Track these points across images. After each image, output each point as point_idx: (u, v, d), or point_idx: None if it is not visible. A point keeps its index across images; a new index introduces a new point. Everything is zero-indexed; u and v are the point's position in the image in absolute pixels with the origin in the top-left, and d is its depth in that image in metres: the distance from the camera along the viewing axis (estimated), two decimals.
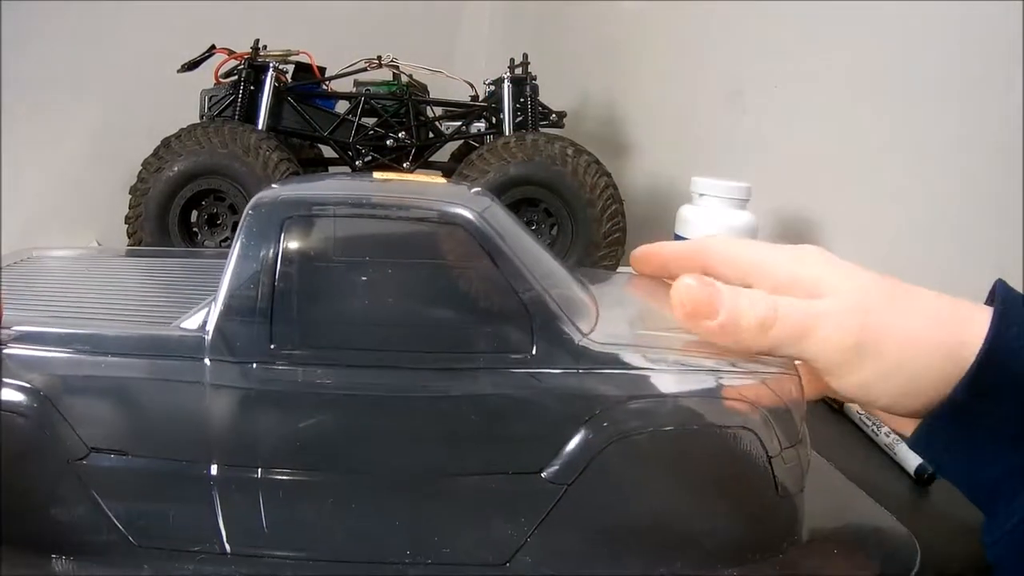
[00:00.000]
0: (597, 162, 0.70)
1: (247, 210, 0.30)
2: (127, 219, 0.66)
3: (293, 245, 0.29)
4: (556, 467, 0.29)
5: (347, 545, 0.30)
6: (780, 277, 0.32)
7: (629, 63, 1.00)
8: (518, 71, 0.79)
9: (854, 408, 0.45)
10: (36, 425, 0.29)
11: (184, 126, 0.67)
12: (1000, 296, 0.29)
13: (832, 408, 0.47)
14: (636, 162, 0.97)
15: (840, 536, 0.35)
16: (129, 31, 0.97)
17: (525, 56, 0.80)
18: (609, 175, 0.71)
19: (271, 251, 0.29)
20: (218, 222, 0.67)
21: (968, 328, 0.28)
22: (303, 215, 0.29)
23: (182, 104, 0.75)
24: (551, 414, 0.29)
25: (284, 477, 0.30)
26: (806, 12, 0.72)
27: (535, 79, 0.79)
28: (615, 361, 0.29)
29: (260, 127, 0.71)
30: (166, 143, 0.66)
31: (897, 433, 0.35)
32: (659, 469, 0.30)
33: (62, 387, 0.29)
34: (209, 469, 0.29)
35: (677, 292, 0.29)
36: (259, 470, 0.29)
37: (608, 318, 0.32)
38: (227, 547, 0.29)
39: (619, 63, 1.02)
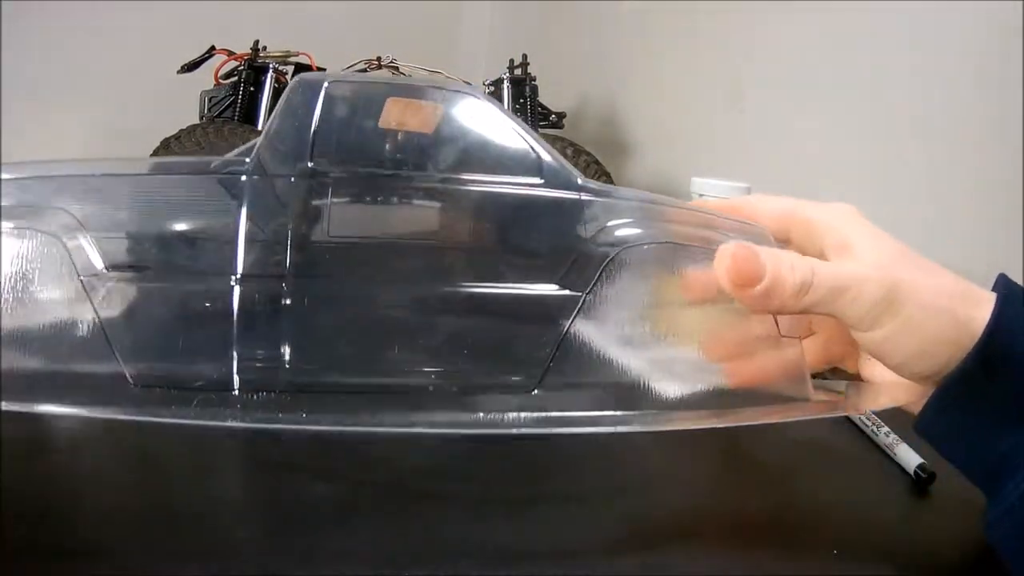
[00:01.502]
0: (597, 162, 0.70)
1: (293, 82, 0.32)
2: None
3: (334, 95, 0.31)
4: (572, 277, 0.31)
5: (367, 365, 0.31)
6: (816, 229, 0.34)
7: (629, 63, 1.00)
8: (518, 71, 0.79)
9: None
10: (54, 241, 0.29)
11: (184, 127, 0.67)
12: (1002, 284, 0.31)
13: None
14: (636, 162, 0.97)
15: None
16: (129, 32, 0.97)
17: (525, 56, 0.81)
18: (609, 175, 0.71)
19: (313, 105, 0.31)
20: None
21: (977, 305, 0.30)
22: (342, 82, 0.32)
23: (182, 105, 0.75)
24: (561, 229, 0.32)
25: (310, 289, 0.30)
26: (806, 12, 0.72)
27: (534, 80, 0.79)
28: (611, 193, 0.33)
29: (260, 128, 0.71)
30: (166, 144, 0.66)
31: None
32: (660, 278, 0.32)
33: (88, 204, 0.29)
34: (232, 282, 0.29)
35: (721, 260, 0.31)
36: (285, 281, 0.29)
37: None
38: (236, 380, 0.29)
39: (619, 63, 1.02)
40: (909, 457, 0.40)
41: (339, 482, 0.35)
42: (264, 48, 0.75)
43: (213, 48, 0.75)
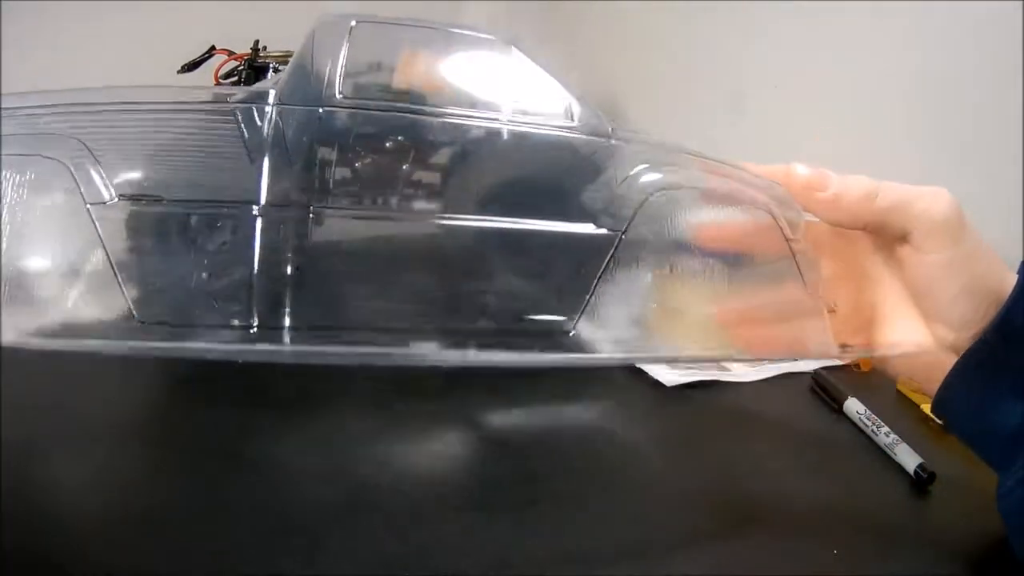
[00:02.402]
0: None
1: (319, 19, 0.31)
2: None
3: (360, 34, 0.31)
4: (609, 217, 0.31)
5: (396, 304, 0.30)
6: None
7: (629, 63, 1.00)
8: None
9: (854, 408, 0.45)
10: (62, 168, 0.27)
11: None
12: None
13: (832, 408, 0.47)
14: None
15: None
16: (129, 32, 0.97)
17: None
18: None
19: (340, 42, 0.30)
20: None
21: (1009, 270, 0.32)
22: (371, 21, 0.32)
23: None
24: (595, 172, 0.32)
25: (336, 223, 0.29)
26: (806, 12, 0.72)
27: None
28: (643, 140, 0.33)
29: None
30: None
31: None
32: (694, 223, 0.32)
33: (99, 133, 0.28)
34: (255, 211, 0.28)
35: (792, 172, 0.33)
36: (312, 213, 0.28)
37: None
38: (255, 319, 0.27)
39: (619, 63, 1.02)
40: (909, 457, 0.40)
41: (340, 483, 0.35)
42: (264, 48, 0.75)
43: (213, 48, 0.75)
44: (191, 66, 0.75)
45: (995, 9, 0.55)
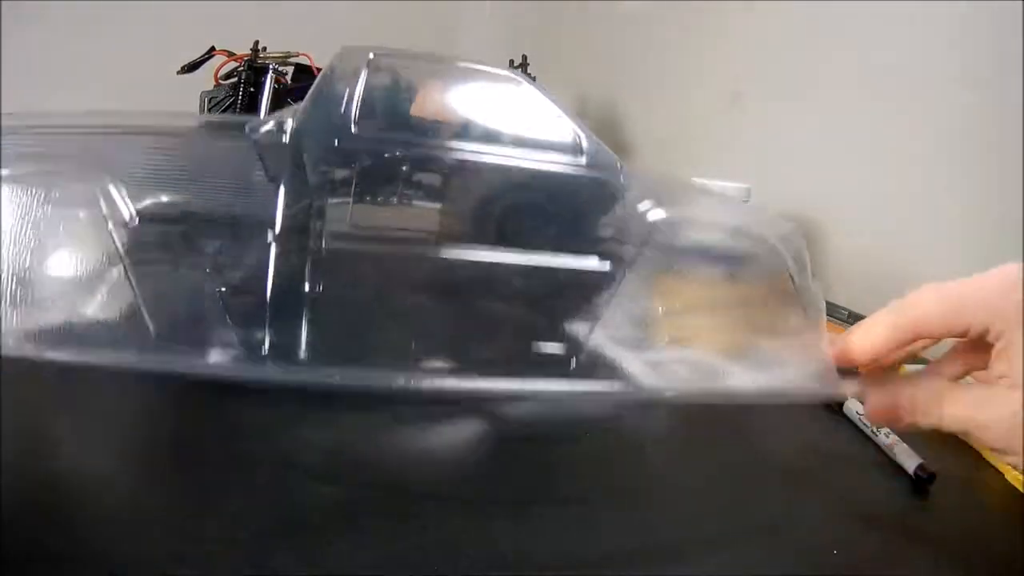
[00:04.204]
0: None
1: (338, 51, 0.33)
2: None
3: (378, 67, 0.32)
4: (614, 253, 0.32)
5: (402, 336, 0.32)
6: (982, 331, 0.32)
7: (629, 63, 1.00)
8: (517, 72, 0.80)
9: (854, 408, 0.45)
10: (87, 190, 0.29)
11: None
12: None
13: (832, 409, 0.47)
14: (636, 162, 0.97)
15: None
16: (129, 32, 0.97)
17: (524, 57, 0.81)
18: None
19: (358, 74, 0.32)
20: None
21: None
22: (386, 56, 0.33)
23: (182, 105, 0.75)
24: (602, 210, 0.33)
25: (348, 255, 0.31)
26: (806, 13, 0.72)
27: (534, 80, 0.79)
28: (651, 178, 0.34)
29: None
30: None
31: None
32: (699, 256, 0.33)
33: (122, 156, 0.30)
34: (269, 239, 0.30)
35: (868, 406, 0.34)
36: (324, 242, 0.30)
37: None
38: (267, 344, 0.29)
39: (619, 63, 1.02)
40: (909, 457, 0.40)
41: (341, 483, 0.35)
42: (264, 49, 0.75)
43: (213, 48, 0.75)
44: (191, 67, 0.75)
45: (996, 9, 0.55)
